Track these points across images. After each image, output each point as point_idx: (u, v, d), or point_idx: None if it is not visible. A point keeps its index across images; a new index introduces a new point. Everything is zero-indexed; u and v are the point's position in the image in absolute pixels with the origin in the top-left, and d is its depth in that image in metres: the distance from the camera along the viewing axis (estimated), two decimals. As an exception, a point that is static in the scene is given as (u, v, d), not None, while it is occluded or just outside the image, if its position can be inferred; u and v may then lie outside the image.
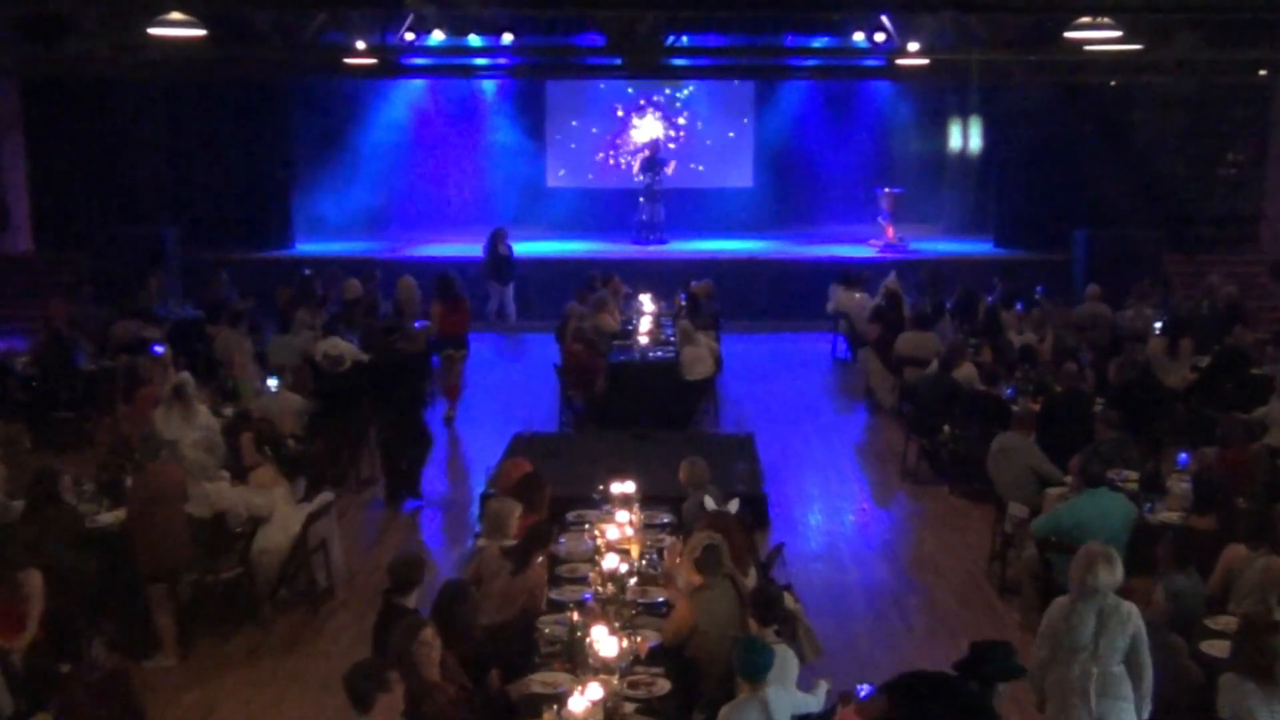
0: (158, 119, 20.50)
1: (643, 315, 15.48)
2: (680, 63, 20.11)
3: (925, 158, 22.95)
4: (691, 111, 23.02)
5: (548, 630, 6.35)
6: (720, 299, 16.56)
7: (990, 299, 16.05)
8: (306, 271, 17.28)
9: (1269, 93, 20.45)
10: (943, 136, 23.29)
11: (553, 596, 6.89)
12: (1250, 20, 16.45)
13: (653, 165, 21.25)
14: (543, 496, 7.77)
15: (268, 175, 20.65)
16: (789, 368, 17.10)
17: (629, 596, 6.72)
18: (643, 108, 22.91)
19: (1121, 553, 7.56)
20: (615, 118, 22.94)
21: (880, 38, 16.97)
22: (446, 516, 11.20)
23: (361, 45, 17.38)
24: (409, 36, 17.34)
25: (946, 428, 11.69)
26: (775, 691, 5.56)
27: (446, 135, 22.77)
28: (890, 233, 21.05)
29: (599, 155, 22.93)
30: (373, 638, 6.36)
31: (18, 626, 6.57)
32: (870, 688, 5.47)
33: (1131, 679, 5.94)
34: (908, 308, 15.43)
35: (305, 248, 20.91)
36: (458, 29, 17.80)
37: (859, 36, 17.59)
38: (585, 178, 22.97)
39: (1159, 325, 14.46)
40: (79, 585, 7.48)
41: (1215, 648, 6.47)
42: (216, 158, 20.29)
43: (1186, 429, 11.49)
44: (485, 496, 9.74)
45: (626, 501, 7.81)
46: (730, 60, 20.45)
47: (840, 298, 17.06)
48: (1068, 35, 14.33)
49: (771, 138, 22.91)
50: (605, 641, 5.79)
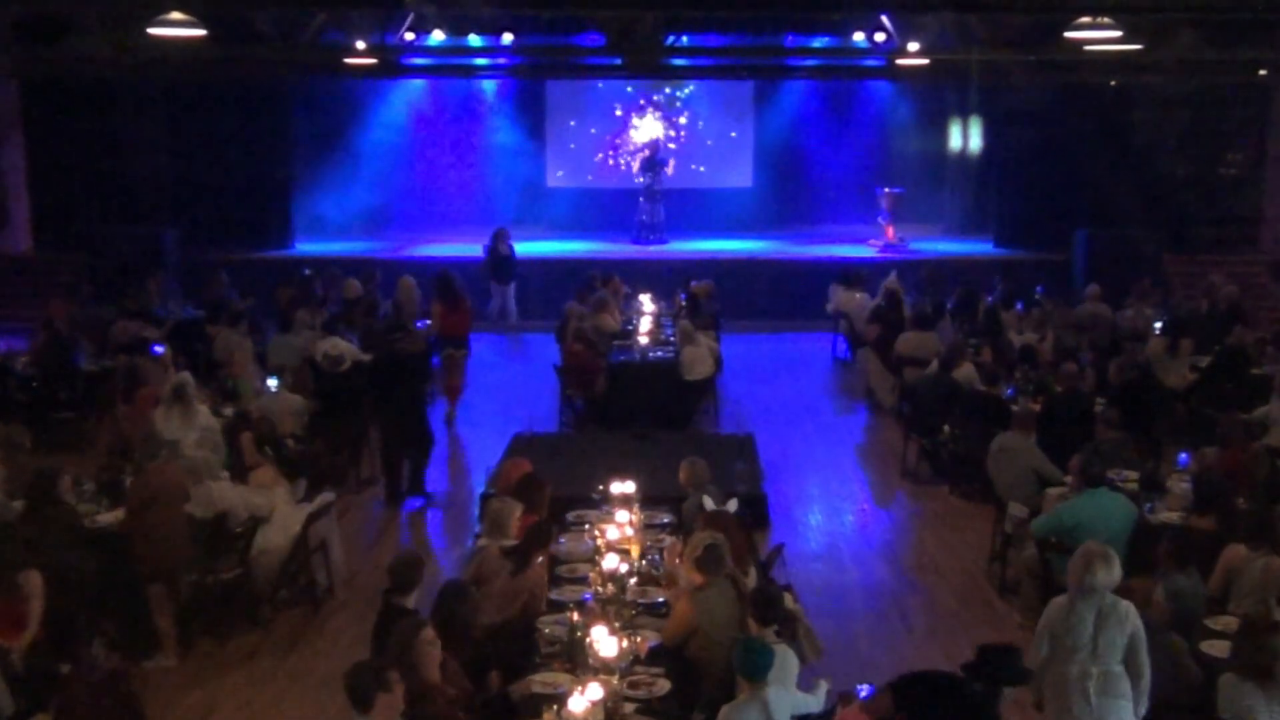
0: (158, 119, 20.49)
1: (643, 315, 15.48)
2: (680, 63, 20.11)
3: (925, 158, 22.94)
4: (691, 111, 23.01)
5: (548, 630, 6.35)
6: (720, 299, 16.55)
7: (990, 299, 16.04)
8: (306, 271, 17.30)
9: (1269, 93, 20.44)
10: (943, 136, 23.29)
11: (553, 596, 6.89)
12: (1250, 20, 16.44)
13: (652, 165, 21.24)
14: (542, 496, 7.78)
15: (268, 175, 20.64)
16: (789, 368, 17.10)
17: (629, 596, 6.73)
18: (642, 108, 22.90)
19: (1122, 553, 7.58)
20: (615, 118, 22.94)
21: (880, 38, 16.96)
22: (446, 516, 11.20)
23: (361, 45, 17.38)
24: (409, 36, 17.35)
25: (946, 428, 11.69)
26: (775, 692, 5.56)
27: (446, 135, 22.78)
28: (890, 233, 21.05)
29: (599, 155, 22.92)
30: (373, 638, 6.36)
31: (18, 627, 6.57)
32: (870, 688, 5.48)
33: (1130, 677, 5.95)
34: (908, 308, 15.42)
35: (305, 248, 20.91)
36: (458, 29, 17.80)
37: (859, 36, 17.59)
38: (585, 178, 22.95)
39: (1159, 325, 14.48)
40: (79, 585, 7.47)
41: (1215, 648, 6.47)
42: (216, 158, 20.26)
43: (1186, 429, 11.50)
44: (485, 496, 9.75)
45: (626, 501, 7.82)
46: (730, 60, 20.44)
47: (840, 298, 17.05)
48: (1068, 35, 14.34)
49: (771, 138, 22.90)
50: (605, 641, 5.80)
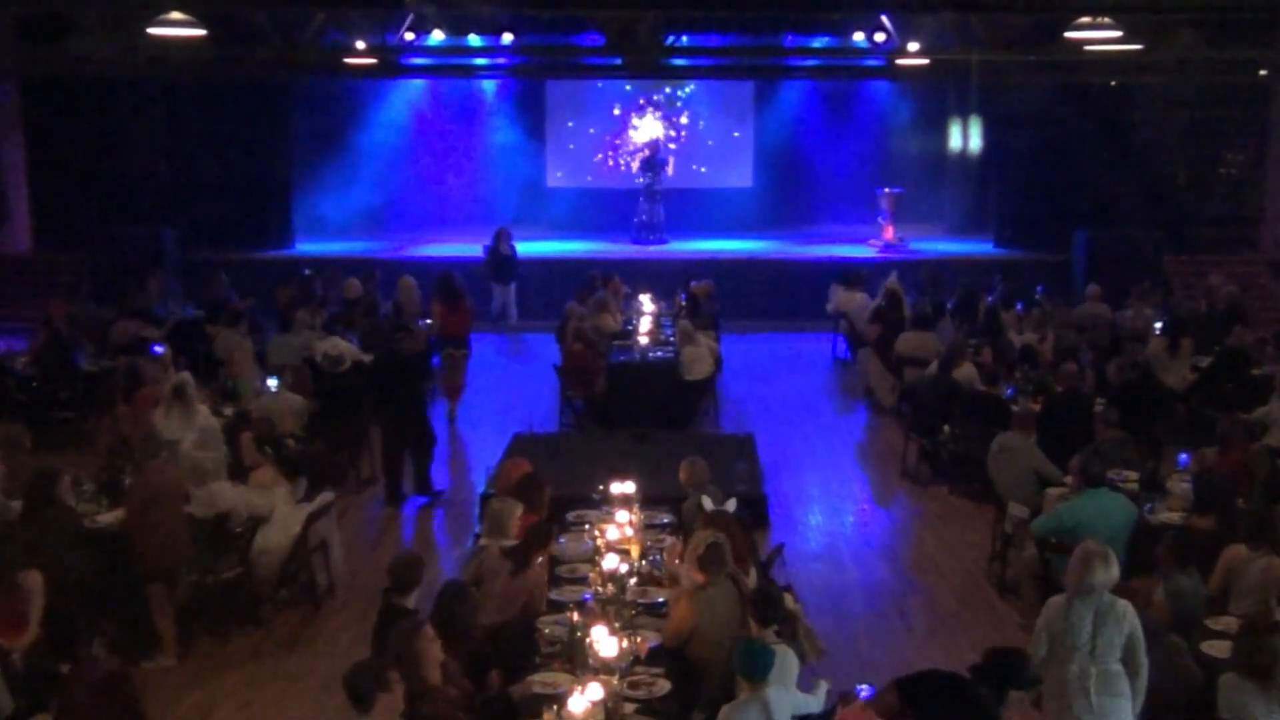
0: (158, 119, 20.49)
1: (643, 315, 15.48)
2: (680, 63, 20.10)
3: (925, 158, 22.93)
4: (692, 111, 23.01)
5: (548, 630, 6.35)
6: (720, 299, 16.54)
7: (990, 299, 16.04)
8: (306, 271, 17.30)
9: (1269, 93, 20.43)
10: (943, 136, 23.27)
11: (553, 597, 6.89)
12: (1250, 20, 16.47)
13: (652, 165, 21.23)
14: (542, 497, 7.77)
15: (268, 175, 20.64)
16: (789, 368, 17.10)
17: (629, 597, 6.73)
18: (642, 108, 22.89)
19: (1122, 553, 7.59)
20: (615, 118, 22.92)
21: (880, 38, 16.97)
22: (447, 516, 11.19)
23: (361, 45, 17.39)
24: (409, 36, 17.36)
25: (946, 428, 11.69)
26: (776, 692, 5.56)
27: (446, 135, 22.76)
28: (890, 233, 21.04)
29: (598, 155, 22.91)
30: (373, 638, 6.37)
31: (18, 627, 6.57)
32: (870, 688, 5.47)
33: (1128, 676, 5.97)
34: (908, 308, 15.42)
35: (305, 248, 20.90)
36: (458, 29, 17.80)
37: (859, 36, 17.60)
38: (585, 178, 22.94)
39: (1159, 325, 14.48)
40: (79, 585, 7.48)
41: (1215, 648, 6.47)
42: (216, 158, 20.26)
43: (1187, 429, 11.49)
44: (485, 497, 9.75)
45: (626, 501, 7.81)
46: (730, 60, 20.44)
47: (840, 298, 17.04)
48: (1068, 35, 14.36)
49: (771, 138, 22.89)
50: (605, 642, 5.80)
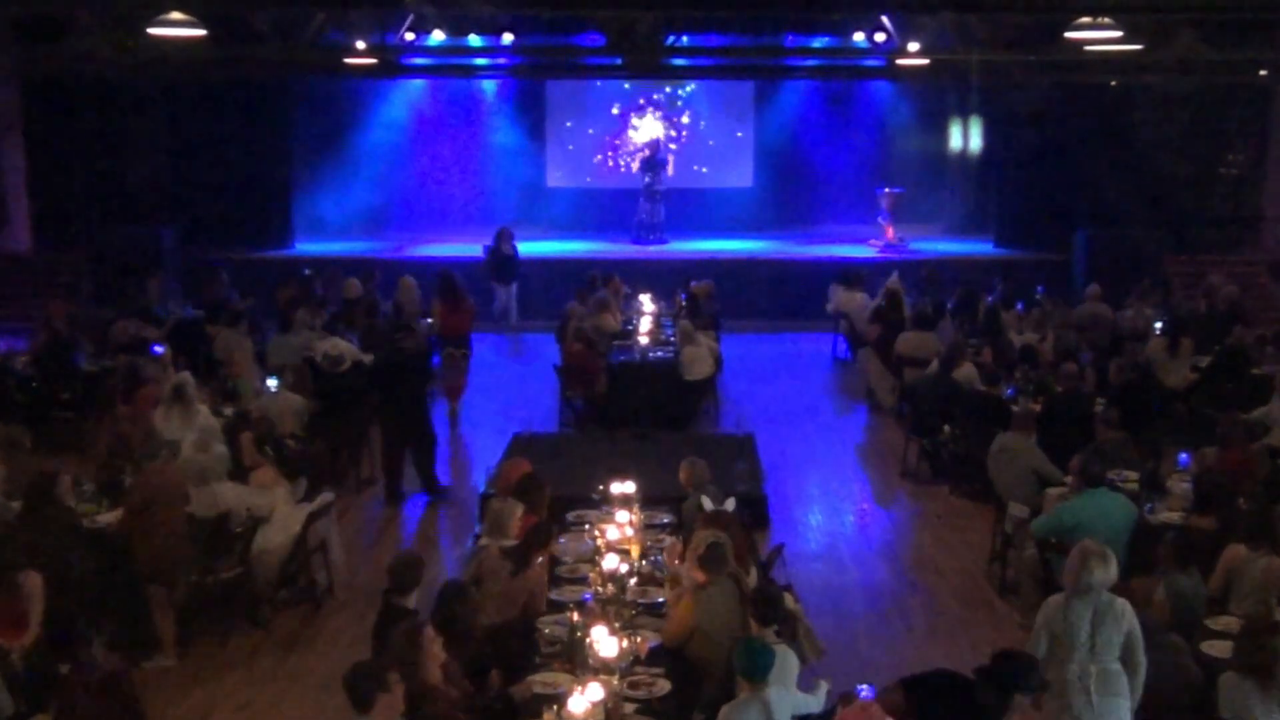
0: (158, 119, 20.49)
1: (643, 315, 15.48)
2: (680, 63, 20.09)
3: (925, 158, 22.91)
4: (692, 111, 23.00)
5: (548, 631, 6.35)
6: (720, 299, 16.54)
7: (990, 299, 16.04)
8: (306, 271, 17.30)
9: (1269, 93, 20.43)
10: (943, 136, 23.26)
11: (553, 597, 6.88)
12: (1250, 20, 16.45)
13: (652, 165, 21.23)
14: (542, 497, 7.77)
15: (268, 175, 20.64)
16: (789, 368, 17.09)
17: (629, 596, 6.73)
18: (642, 107, 22.88)
19: (1122, 553, 7.58)
20: (615, 118, 22.91)
21: (880, 38, 16.94)
22: (447, 516, 11.18)
23: (361, 45, 17.37)
24: (409, 36, 17.33)
25: (947, 428, 11.69)
26: (776, 692, 5.56)
27: (446, 135, 22.75)
28: (890, 233, 21.04)
29: (598, 155, 22.90)
30: (373, 638, 6.36)
31: (18, 627, 6.57)
32: (871, 688, 5.47)
33: (1127, 675, 5.97)
34: (908, 308, 15.42)
35: (305, 248, 20.90)
36: (458, 29, 17.78)
37: (859, 36, 17.57)
38: (585, 178, 22.92)
39: (1159, 325, 14.47)
40: (79, 585, 7.48)
41: (1215, 648, 6.47)
42: (216, 158, 20.25)
43: (1187, 429, 11.48)
44: (485, 497, 9.75)
45: (626, 501, 7.81)
46: (730, 60, 20.42)
47: (840, 298, 17.03)
48: (1068, 35, 14.34)
49: (771, 138, 22.87)
50: (605, 642, 5.80)
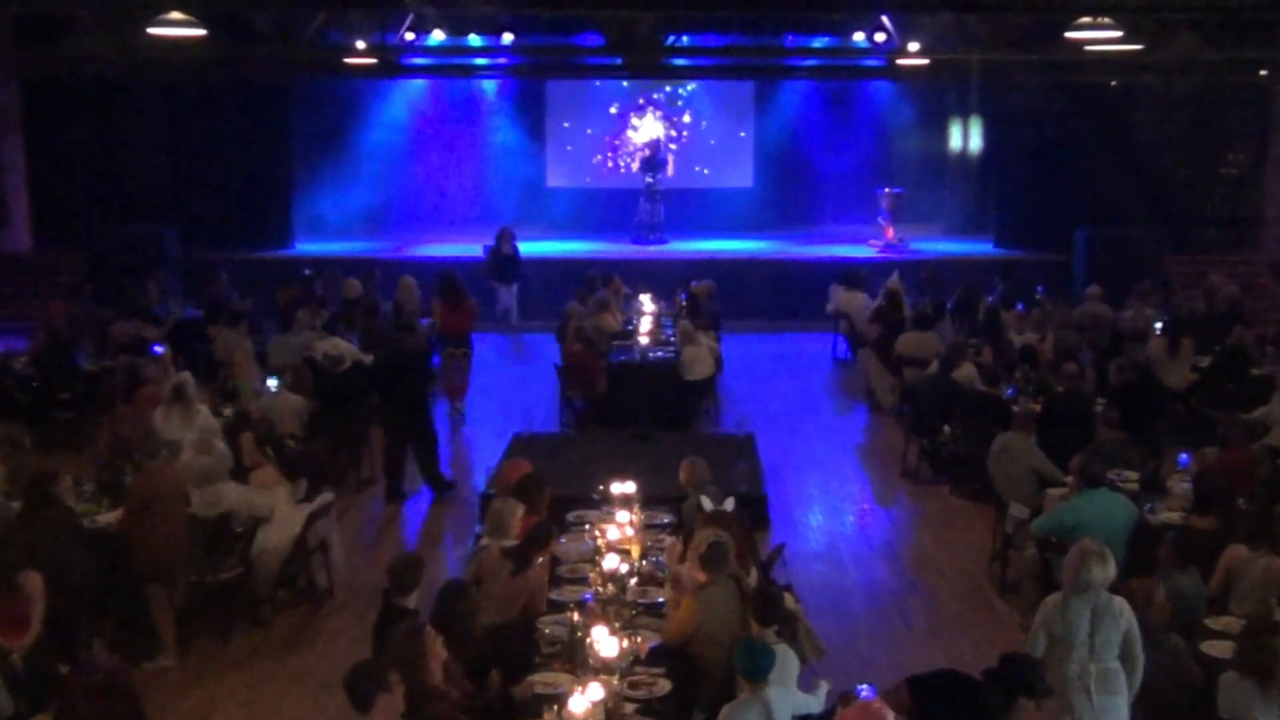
0: (158, 119, 20.48)
1: (643, 315, 15.47)
2: (680, 63, 20.09)
3: (925, 158, 22.91)
4: (692, 111, 23.00)
5: (548, 631, 6.35)
6: (720, 299, 16.53)
7: (991, 299, 16.04)
8: (306, 271, 17.31)
9: (1269, 93, 20.42)
10: (943, 136, 23.26)
11: (553, 597, 6.88)
12: (1250, 20, 16.44)
13: (652, 165, 21.23)
14: (542, 497, 7.76)
15: (268, 175, 20.63)
16: (789, 368, 17.09)
17: (629, 597, 6.73)
18: (642, 107, 22.88)
19: (1122, 553, 7.58)
20: (615, 117, 22.91)
21: (880, 38, 16.93)
22: (447, 516, 11.18)
23: (361, 45, 17.37)
24: (409, 36, 17.33)
25: (947, 428, 11.69)
26: (776, 692, 5.56)
27: (446, 135, 22.76)
28: (890, 233, 21.04)
29: (598, 155, 22.90)
30: (373, 638, 6.36)
31: (19, 627, 6.57)
32: (871, 688, 5.46)
33: (1126, 673, 5.99)
34: (908, 308, 15.42)
35: (305, 248, 20.90)
36: (458, 29, 17.79)
37: (859, 36, 17.56)
38: (585, 178, 22.92)
39: (1159, 325, 14.47)
40: (79, 585, 7.48)
41: (1215, 648, 6.48)
42: (216, 158, 20.26)
43: (1187, 429, 11.48)
44: (486, 497, 9.74)
45: (626, 502, 7.81)
46: (730, 60, 20.42)
47: (841, 298, 17.03)
48: (1068, 35, 14.33)
49: (771, 138, 22.88)
50: (605, 642, 5.80)
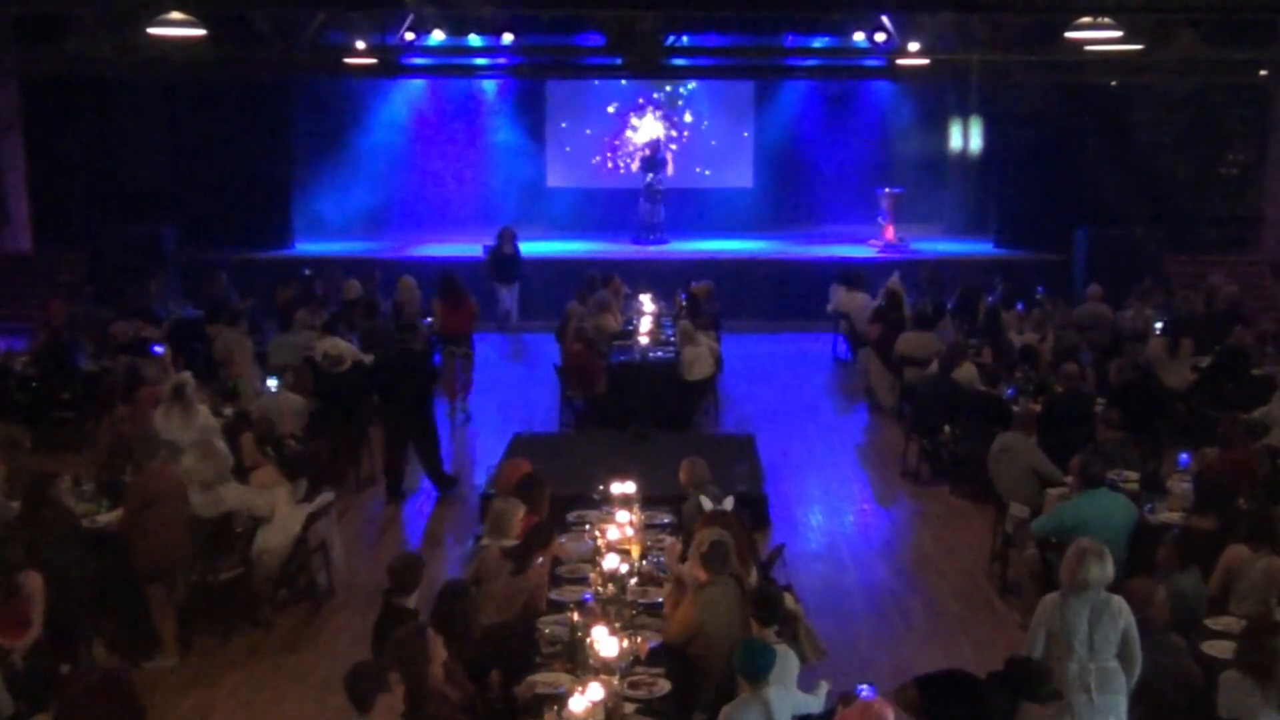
0: (158, 119, 20.49)
1: (643, 315, 15.47)
2: (680, 63, 20.09)
3: (925, 158, 22.88)
4: (692, 111, 22.99)
5: (548, 630, 6.34)
6: (720, 299, 16.53)
7: (991, 299, 16.04)
8: (306, 271, 17.30)
9: (1269, 93, 20.42)
10: (943, 136, 23.26)
11: (553, 597, 6.88)
12: (1250, 20, 16.46)
13: (652, 165, 21.22)
14: (542, 497, 7.76)
15: (268, 175, 20.62)
16: (789, 368, 17.09)
17: (629, 597, 6.73)
18: (642, 107, 22.87)
19: (1123, 553, 7.58)
20: (615, 117, 22.91)
21: (880, 38, 16.94)
22: (447, 516, 11.18)
23: (361, 45, 17.38)
24: (409, 36, 17.34)
25: (947, 428, 11.68)
26: (776, 692, 5.56)
27: (446, 135, 22.75)
28: (890, 233, 21.03)
29: (598, 155, 22.89)
30: (373, 638, 6.36)
31: (19, 627, 6.57)
32: (871, 689, 5.46)
33: (1124, 671, 6.00)
34: (908, 308, 15.42)
35: (305, 248, 20.89)
36: (458, 29, 17.80)
37: (859, 36, 17.58)
38: (585, 178, 22.91)
39: (1160, 325, 14.46)
40: (79, 586, 7.48)
41: (1215, 648, 6.47)
42: (216, 158, 20.25)
43: (1187, 429, 11.48)
44: (486, 497, 9.74)
45: (626, 502, 7.81)
46: (730, 60, 20.43)
47: (841, 298, 17.02)
48: (1068, 35, 14.34)
49: (771, 138, 22.87)
50: (606, 642, 5.79)
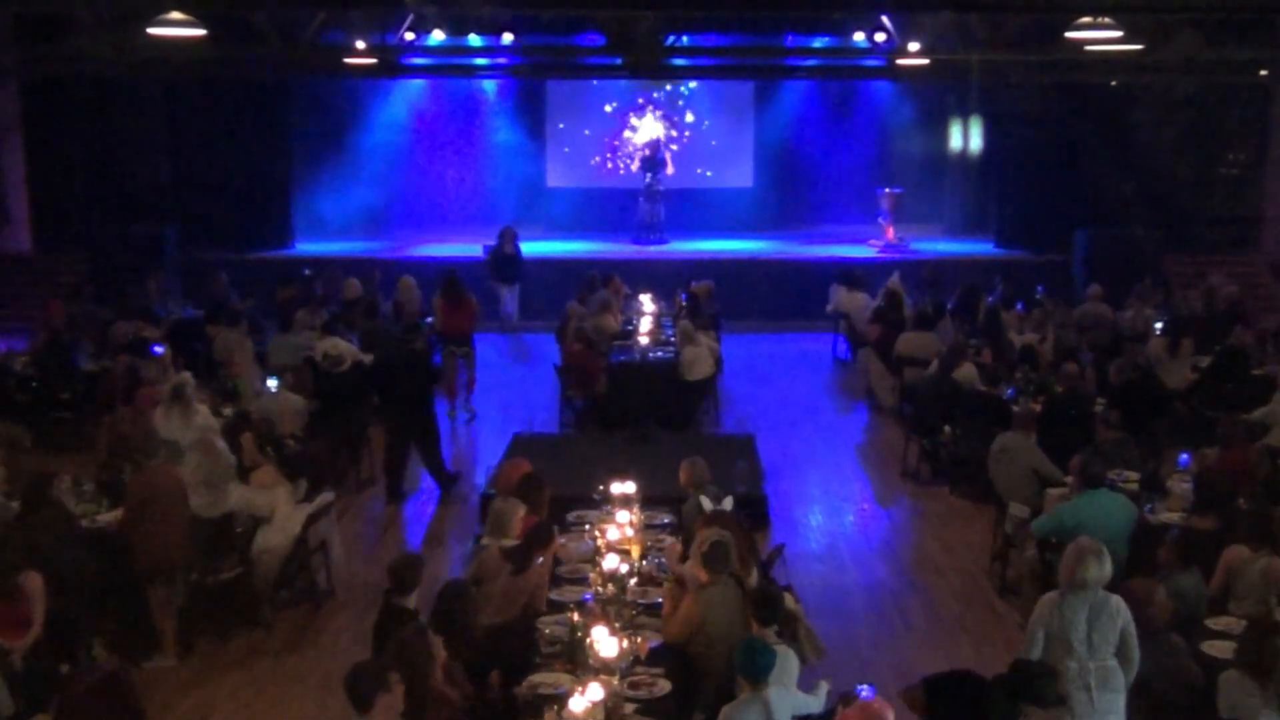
0: (158, 119, 20.49)
1: (643, 315, 15.47)
2: (680, 63, 20.10)
3: (925, 158, 22.91)
4: (692, 111, 23.00)
5: (548, 631, 6.34)
6: (720, 299, 16.54)
7: (991, 299, 16.04)
8: (306, 271, 17.31)
9: (1269, 93, 20.44)
10: (943, 136, 23.27)
11: (553, 597, 6.89)
12: (1250, 20, 16.46)
13: (652, 165, 21.22)
14: (542, 497, 7.77)
15: (267, 175, 20.63)
16: (789, 368, 17.09)
17: (629, 597, 6.73)
18: (642, 107, 22.87)
19: (1123, 553, 7.57)
20: (615, 117, 22.91)
21: (880, 38, 16.94)
22: (448, 516, 11.18)
23: (361, 45, 17.37)
24: (409, 36, 17.34)
25: (947, 428, 11.68)
26: (777, 692, 5.56)
27: (446, 135, 22.76)
28: (890, 233, 21.04)
29: (598, 155, 22.89)
30: (373, 638, 6.36)
31: (19, 627, 6.58)
32: (871, 689, 5.46)
33: (1123, 670, 6.01)
34: (908, 308, 15.42)
35: (305, 248, 20.90)
36: (458, 29, 17.80)
37: (859, 36, 17.58)
38: (585, 178, 22.91)
39: (1160, 325, 14.47)
40: (79, 586, 7.48)
41: (1215, 648, 6.48)
42: (216, 157, 20.26)
43: (1187, 429, 11.47)
44: (486, 497, 9.74)
45: (626, 502, 7.81)
46: (730, 60, 20.43)
47: (841, 298, 17.02)
48: (1068, 35, 14.34)
49: (771, 138, 22.88)
50: (606, 642, 5.79)
